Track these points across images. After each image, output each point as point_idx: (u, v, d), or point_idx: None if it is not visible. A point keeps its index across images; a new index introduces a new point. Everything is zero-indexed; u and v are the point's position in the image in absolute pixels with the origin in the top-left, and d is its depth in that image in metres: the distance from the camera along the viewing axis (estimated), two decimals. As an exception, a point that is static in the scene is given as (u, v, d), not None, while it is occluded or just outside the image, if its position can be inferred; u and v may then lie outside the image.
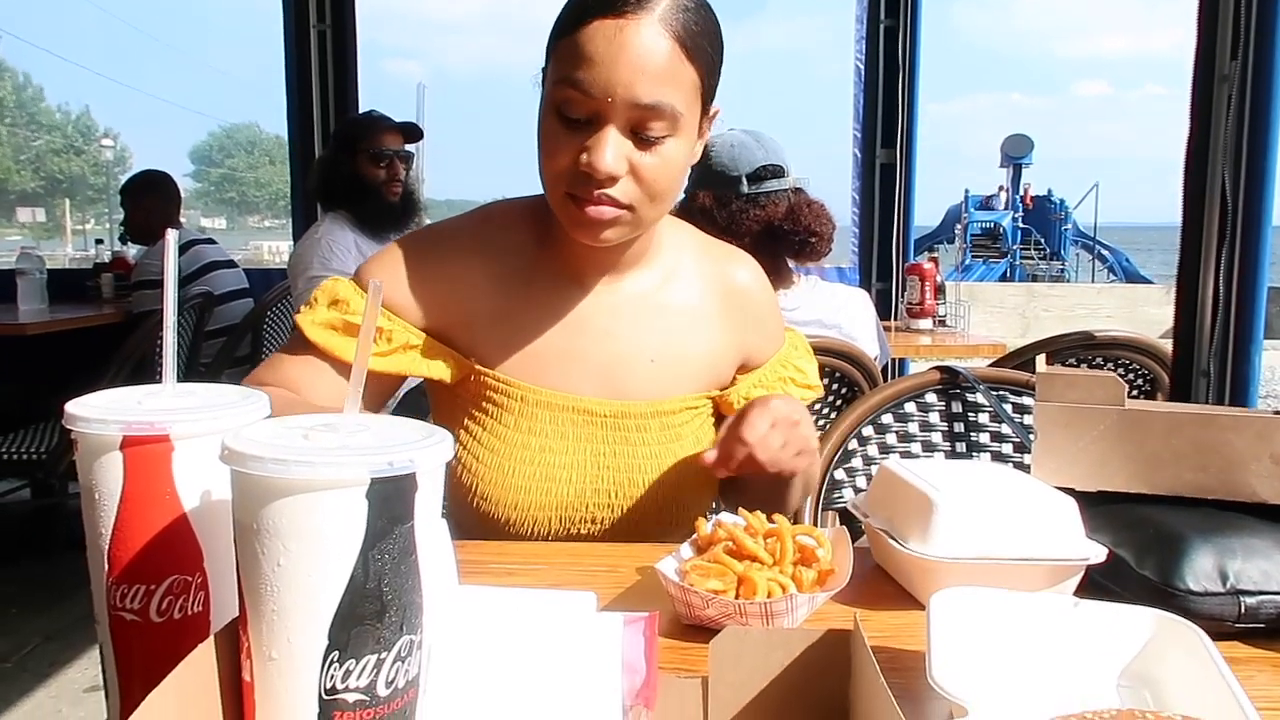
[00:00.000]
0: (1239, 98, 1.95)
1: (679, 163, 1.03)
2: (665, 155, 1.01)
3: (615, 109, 0.97)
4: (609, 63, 0.96)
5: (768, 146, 2.06)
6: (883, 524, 0.94)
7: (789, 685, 0.58)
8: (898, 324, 3.79)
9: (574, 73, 0.97)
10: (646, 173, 1.00)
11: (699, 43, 1.00)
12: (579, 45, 0.97)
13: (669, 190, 1.05)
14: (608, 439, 1.14)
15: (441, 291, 1.13)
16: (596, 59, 0.96)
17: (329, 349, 1.09)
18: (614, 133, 0.98)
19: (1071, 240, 21.89)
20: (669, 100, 0.98)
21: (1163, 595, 0.82)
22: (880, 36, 4.28)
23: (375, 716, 0.49)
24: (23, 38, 74.10)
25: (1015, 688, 0.69)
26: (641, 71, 0.96)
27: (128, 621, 0.58)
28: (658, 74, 0.97)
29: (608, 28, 0.96)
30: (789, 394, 1.20)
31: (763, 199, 2.03)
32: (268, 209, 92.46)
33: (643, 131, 0.99)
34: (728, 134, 2.09)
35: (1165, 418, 0.95)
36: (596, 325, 1.14)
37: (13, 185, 68.87)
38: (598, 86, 0.96)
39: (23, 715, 2.62)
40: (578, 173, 0.99)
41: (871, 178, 4.37)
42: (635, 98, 0.96)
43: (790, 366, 1.26)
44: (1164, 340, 2.31)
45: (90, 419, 0.56)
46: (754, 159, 2.04)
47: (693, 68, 1.00)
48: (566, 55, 0.98)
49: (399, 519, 0.49)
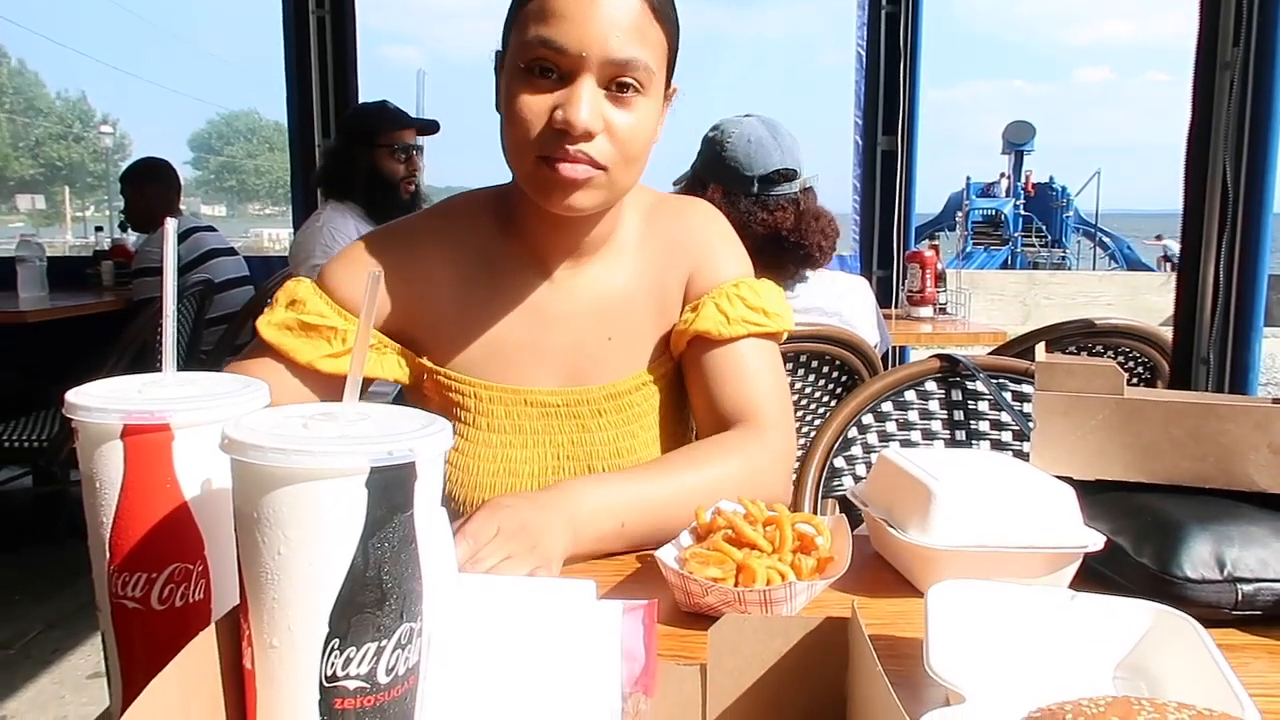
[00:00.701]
0: (1241, 84, 1.94)
1: (650, 125, 1.03)
2: (638, 113, 1.00)
3: (590, 63, 0.96)
4: (582, 18, 0.96)
5: (784, 145, 2.04)
6: (882, 513, 0.94)
7: (787, 672, 0.58)
8: (898, 312, 3.79)
9: (545, 30, 0.96)
10: (621, 131, 0.99)
11: (666, 8, 1.01)
12: (550, 4, 0.97)
13: (641, 154, 1.04)
14: (564, 428, 1.14)
15: (403, 292, 1.11)
16: (568, 14, 0.96)
17: (283, 349, 1.07)
18: (590, 86, 0.97)
19: (1073, 227, 21.85)
20: (642, 58, 0.98)
21: (1160, 583, 0.82)
22: (882, 22, 4.26)
23: (376, 704, 0.50)
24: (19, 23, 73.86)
25: (1012, 678, 0.69)
26: (615, 25, 0.96)
27: (129, 609, 0.58)
28: (630, 29, 0.97)
29: None
30: (736, 310, 1.14)
31: (771, 203, 2.02)
32: (267, 196, 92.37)
33: (616, 88, 0.98)
34: (746, 124, 2.07)
35: (1164, 407, 0.96)
36: (557, 312, 1.13)
37: (11, 172, 68.75)
38: (572, 40, 0.95)
39: (26, 702, 2.64)
40: (552, 132, 0.98)
41: (873, 165, 4.37)
42: (610, 52, 0.96)
43: (745, 288, 1.16)
44: (1164, 328, 2.31)
45: (90, 408, 0.56)
46: (769, 160, 2.02)
47: (660, 30, 1.01)
48: (536, 15, 0.98)
49: (399, 508, 0.49)
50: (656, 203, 1.20)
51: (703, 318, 1.13)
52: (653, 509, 1.00)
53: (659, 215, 1.19)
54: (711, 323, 1.13)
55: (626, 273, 1.16)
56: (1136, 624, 0.72)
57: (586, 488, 0.99)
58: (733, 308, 1.14)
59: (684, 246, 1.17)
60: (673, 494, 1.01)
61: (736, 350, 1.14)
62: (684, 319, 1.15)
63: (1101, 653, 0.71)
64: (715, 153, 2.07)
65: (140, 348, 3.22)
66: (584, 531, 0.94)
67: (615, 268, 1.15)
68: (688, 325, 1.14)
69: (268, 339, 1.09)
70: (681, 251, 1.17)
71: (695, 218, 1.20)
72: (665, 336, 1.17)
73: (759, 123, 2.08)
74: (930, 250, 3.74)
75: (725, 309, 1.13)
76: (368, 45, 3.89)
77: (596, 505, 0.97)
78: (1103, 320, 2.27)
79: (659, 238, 1.17)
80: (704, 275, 1.17)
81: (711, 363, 1.14)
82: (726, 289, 1.15)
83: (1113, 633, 0.72)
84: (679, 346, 1.16)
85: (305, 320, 1.08)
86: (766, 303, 1.16)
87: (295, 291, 1.11)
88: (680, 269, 1.17)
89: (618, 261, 1.15)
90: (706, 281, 1.17)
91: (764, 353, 1.16)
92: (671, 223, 1.18)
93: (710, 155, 2.08)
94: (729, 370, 1.13)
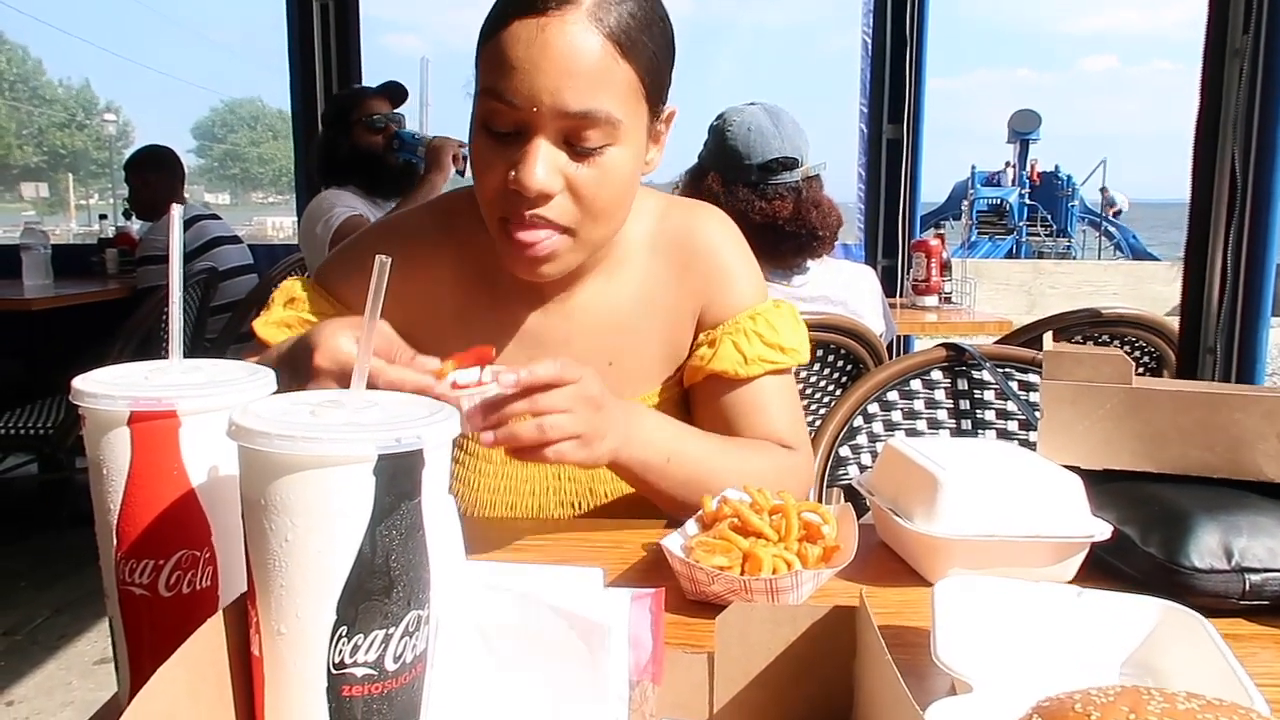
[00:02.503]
0: (1250, 72, 1.93)
1: (623, 174, 0.94)
2: (606, 167, 0.92)
3: (542, 119, 0.88)
4: (531, 67, 0.87)
5: (785, 133, 2.03)
6: (888, 502, 0.94)
7: (795, 661, 0.58)
8: (903, 301, 3.78)
9: (496, 82, 0.89)
10: (585, 188, 0.92)
11: (636, 38, 0.91)
12: (499, 51, 0.89)
13: (614, 207, 0.96)
14: None
15: (404, 290, 1.03)
16: (518, 64, 0.87)
17: None
18: (543, 145, 0.89)
19: (1078, 217, 21.77)
20: (603, 106, 0.89)
21: (1167, 572, 0.82)
22: (888, 10, 4.23)
23: (383, 691, 0.50)
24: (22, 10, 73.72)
25: (1018, 671, 0.69)
26: (568, 75, 0.87)
27: (137, 596, 0.58)
28: (588, 77, 0.88)
29: (528, 28, 0.88)
30: (754, 349, 1.09)
31: (770, 191, 2.01)
32: (271, 185, 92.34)
33: (577, 142, 0.90)
34: (748, 112, 2.06)
35: (1172, 396, 0.95)
36: (554, 338, 1.08)
37: (15, 160, 68.77)
38: (521, 95, 0.88)
39: (33, 687, 2.65)
40: (510, 193, 0.91)
41: (878, 153, 4.34)
42: (563, 105, 0.88)
43: (761, 321, 1.11)
44: (1170, 317, 2.31)
45: (98, 395, 0.56)
46: (769, 148, 2.01)
47: (629, 66, 0.91)
48: (488, 63, 0.90)
49: (406, 495, 0.49)
50: (665, 209, 1.13)
51: (720, 357, 1.09)
52: (698, 463, 1.00)
53: (668, 222, 1.12)
54: (729, 363, 1.09)
55: (631, 289, 1.10)
56: (1143, 620, 0.71)
57: (651, 414, 1.01)
58: (750, 346, 1.09)
59: (697, 264, 1.11)
60: (717, 463, 1.02)
61: (753, 388, 1.11)
62: (700, 355, 1.10)
63: (1108, 648, 0.71)
64: (717, 140, 2.06)
65: (145, 335, 3.22)
66: (634, 445, 0.95)
67: (617, 285, 1.10)
68: (704, 363, 1.10)
69: (267, 339, 1.06)
70: (694, 267, 1.11)
71: (708, 232, 1.12)
72: (672, 355, 1.13)
73: (761, 111, 2.07)
74: (935, 239, 3.72)
75: (743, 347, 1.09)
76: (370, 34, 3.89)
77: (654, 433, 0.98)
78: (1109, 309, 2.26)
79: (668, 247, 1.11)
80: (719, 304, 1.11)
81: (727, 401, 1.11)
82: (743, 323, 1.10)
83: (1119, 629, 0.72)
84: (692, 379, 1.12)
85: (305, 318, 1.06)
86: (784, 338, 1.11)
87: (293, 290, 1.09)
88: (692, 290, 1.11)
89: (620, 277, 1.10)
90: (722, 310, 1.11)
91: (781, 385, 1.13)
92: (684, 230, 1.12)
93: (714, 143, 2.08)
94: (747, 407, 1.11)
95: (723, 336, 1.10)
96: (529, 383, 0.83)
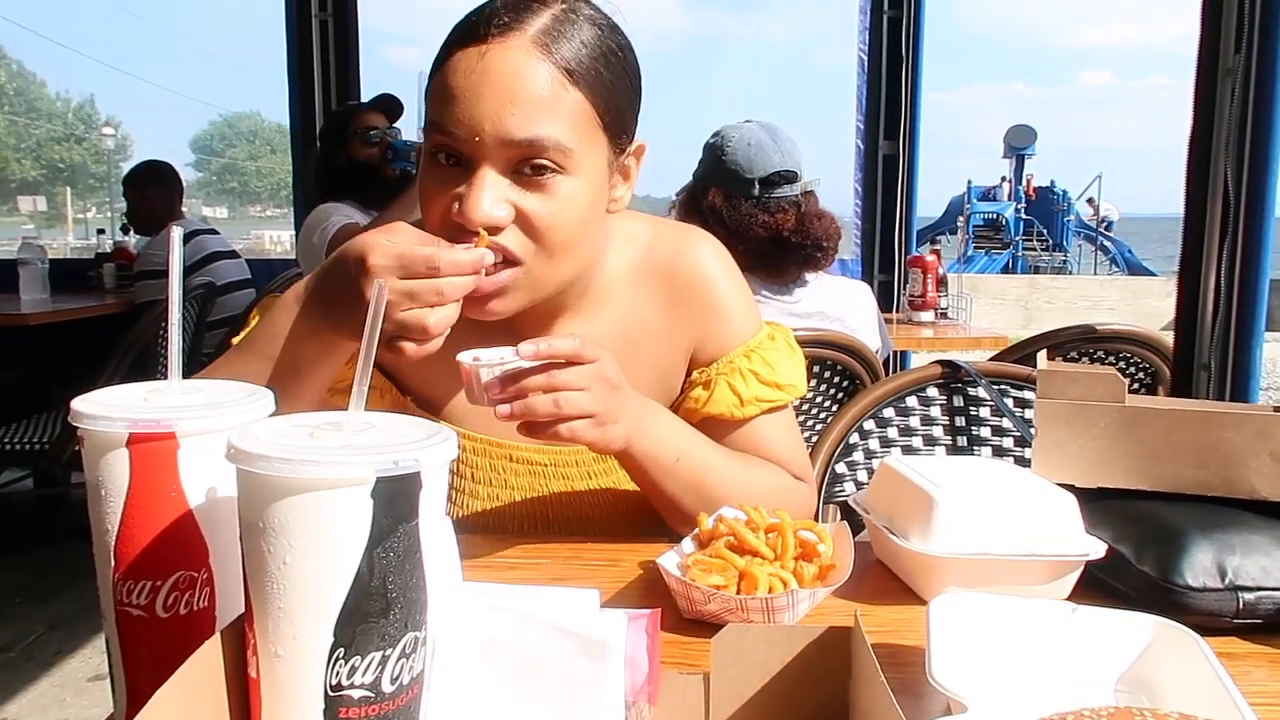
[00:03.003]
0: (1242, 90, 1.95)
1: (578, 207, 0.90)
2: (559, 198, 0.88)
3: (485, 148, 0.86)
4: (472, 95, 0.85)
5: (784, 148, 2.06)
6: (883, 520, 0.94)
7: (790, 681, 0.59)
8: (899, 316, 3.79)
9: (439, 114, 0.87)
10: (538, 219, 0.88)
11: (590, 66, 0.88)
12: (442, 83, 0.87)
13: (569, 242, 0.91)
14: (551, 488, 1.08)
15: None
16: (458, 94, 0.85)
17: None
18: (489, 175, 0.86)
19: (1074, 231, 21.85)
20: (549, 133, 0.86)
21: (1161, 591, 0.82)
22: (884, 27, 4.26)
23: (380, 713, 0.50)
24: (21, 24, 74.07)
25: (1013, 690, 0.69)
26: (510, 101, 0.85)
27: (134, 617, 0.58)
28: (532, 103, 0.85)
29: (470, 56, 0.86)
30: (750, 390, 1.07)
31: (773, 204, 2.04)
32: (269, 199, 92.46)
33: (525, 171, 0.87)
34: (745, 129, 2.09)
35: (1165, 414, 0.96)
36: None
37: (13, 174, 68.82)
38: (463, 125, 0.85)
39: (28, 704, 2.64)
40: (455, 226, 0.87)
41: (874, 169, 4.37)
42: (506, 132, 0.85)
43: (757, 358, 1.08)
44: (1165, 333, 2.32)
45: (96, 416, 0.56)
46: (769, 162, 2.03)
47: (580, 94, 0.88)
48: (433, 97, 0.88)
49: (404, 517, 0.49)
50: (654, 235, 1.09)
51: (715, 400, 1.07)
52: (705, 469, 1.00)
53: (658, 249, 1.08)
54: (724, 405, 1.07)
55: (614, 322, 1.06)
56: (1137, 637, 0.72)
57: (663, 412, 1.00)
58: (746, 386, 1.07)
59: (689, 294, 1.08)
60: (723, 471, 1.02)
61: (751, 428, 1.09)
62: (694, 397, 1.08)
63: (1102, 666, 0.71)
64: (716, 157, 2.08)
65: (142, 350, 3.22)
66: (646, 438, 0.94)
67: (600, 324, 1.05)
68: (699, 405, 1.08)
69: None
70: (686, 301, 1.08)
71: (700, 262, 1.09)
72: (663, 387, 1.10)
73: (758, 127, 2.10)
74: (932, 255, 3.74)
75: (739, 389, 1.07)
76: (368, 46, 3.91)
77: (665, 431, 0.98)
78: (1104, 325, 2.27)
79: (656, 277, 1.08)
80: (714, 339, 1.09)
81: (726, 440, 1.08)
82: (738, 362, 1.08)
83: (1114, 646, 0.72)
84: (687, 420, 1.08)
85: None
86: (780, 375, 1.09)
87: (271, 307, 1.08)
88: (685, 323, 1.08)
89: (602, 317, 1.06)
90: (717, 346, 1.09)
91: (779, 423, 1.11)
92: (673, 259, 1.08)
93: (711, 160, 2.10)
94: (744, 445, 1.09)
95: (717, 378, 1.08)
96: (548, 354, 0.83)
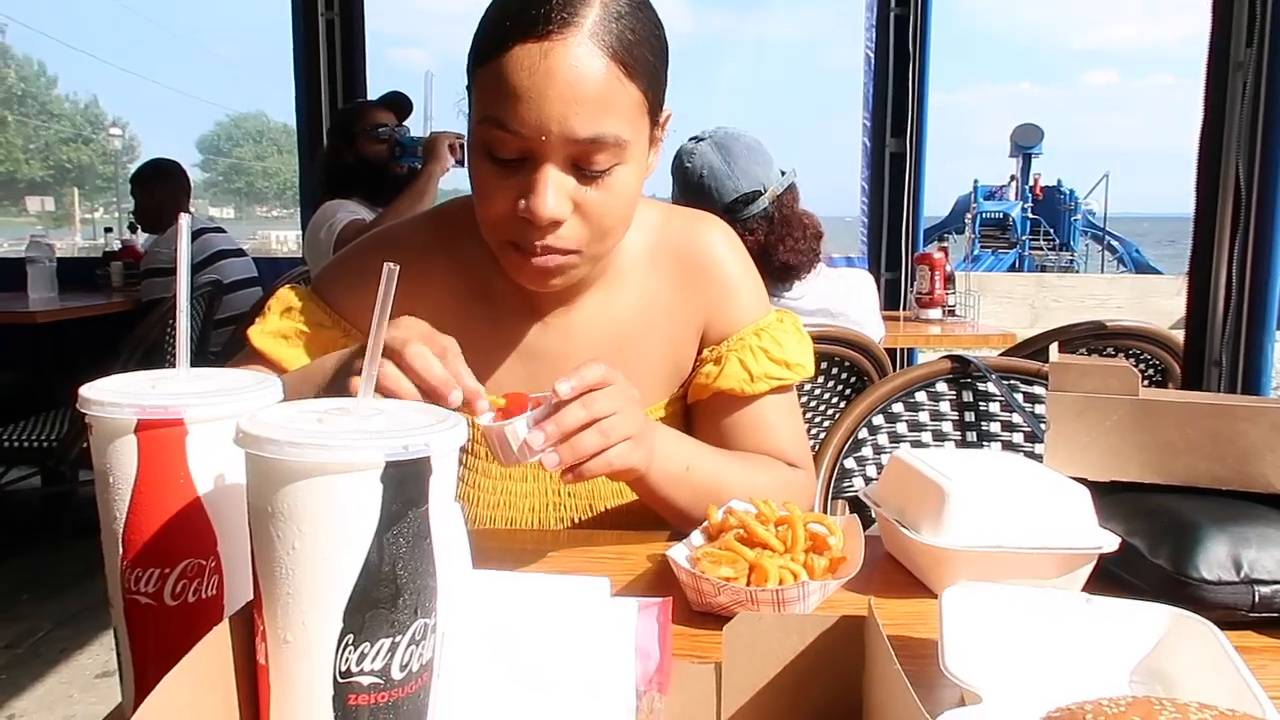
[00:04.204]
0: (1254, 85, 1.93)
1: (630, 190, 0.94)
2: (613, 188, 0.91)
3: (551, 147, 0.87)
4: (537, 96, 0.85)
5: (739, 167, 1.99)
6: (894, 513, 0.94)
7: (803, 671, 0.58)
8: (907, 314, 3.78)
9: (499, 111, 0.86)
10: (594, 210, 0.91)
11: (639, 54, 0.89)
12: (502, 77, 0.86)
13: (620, 223, 0.96)
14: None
15: (401, 306, 0.97)
16: (523, 93, 0.85)
17: (276, 358, 1.04)
18: (553, 173, 0.88)
19: (1081, 231, 21.78)
20: (611, 130, 0.87)
21: (1176, 584, 0.81)
22: (891, 25, 4.25)
23: (390, 700, 0.49)
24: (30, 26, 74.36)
25: (1028, 680, 0.68)
26: (576, 102, 0.85)
27: (142, 605, 0.58)
28: (595, 102, 0.86)
29: (531, 53, 0.85)
30: (760, 366, 1.09)
31: (739, 228, 1.98)
32: (275, 199, 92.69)
33: (585, 166, 0.89)
34: (698, 154, 2.01)
35: (1180, 407, 0.95)
36: (553, 353, 1.07)
37: (22, 174, 69.09)
38: (528, 125, 0.85)
39: (35, 701, 2.64)
40: (518, 221, 0.90)
41: (881, 167, 4.36)
42: (572, 132, 0.86)
43: (767, 337, 1.10)
44: (1175, 330, 2.30)
45: (104, 403, 0.56)
46: (724, 191, 1.97)
47: (635, 86, 0.89)
48: (489, 89, 0.87)
49: (413, 503, 0.48)
50: (664, 220, 1.12)
51: (726, 375, 1.08)
52: (710, 476, 1.01)
53: (669, 231, 1.11)
54: (735, 381, 1.08)
55: (630, 303, 1.09)
56: (1153, 628, 0.71)
57: (663, 426, 1.01)
58: (756, 363, 1.09)
59: (700, 275, 1.10)
60: (725, 476, 1.02)
61: (758, 406, 1.10)
62: (705, 372, 1.10)
63: (1118, 656, 0.71)
64: (679, 185, 2.03)
65: (150, 347, 3.23)
66: (658, 455, 0.94)
67: (616, 299, 1.08)
68: (710, 380, 1.09)
69: (260, 347, 1.05)
70: (697, 281, 1.10)
71: (711, 242, 1.11)
72: (675, 369, 1.12)
73: (711, 148, 2.01)
74: (939, 252, 3.72)
75: (749, 365, 1.08)
76: (374, 48, 3.92)
77: (672, 445, 0.98)
78: (1113, 322, 2.26)
79: (669, 260, 1.10)
80: (724, 318, 1.11)
81: (734, 418, 1.10)
82: (749, 340, 1.09)
83: (1129, 637, 0.71)
84: (697, 396, 1.12)
85: (301, 329, 1.05)
86: (789, 353, 1.11)
87: (289, 299, 1.08)
88: (695, 304, 1.10)
89: (619, 291, 1.09)
90: (726, 325, 1.10)
91: (784, 402, 1.13)
92: (684, 242, 1.10)
93: (676, 189, 2.05)
94: (751, 424, 1.11)
95: (728, 353, 1.09)
96: (583, 387, 0.82)
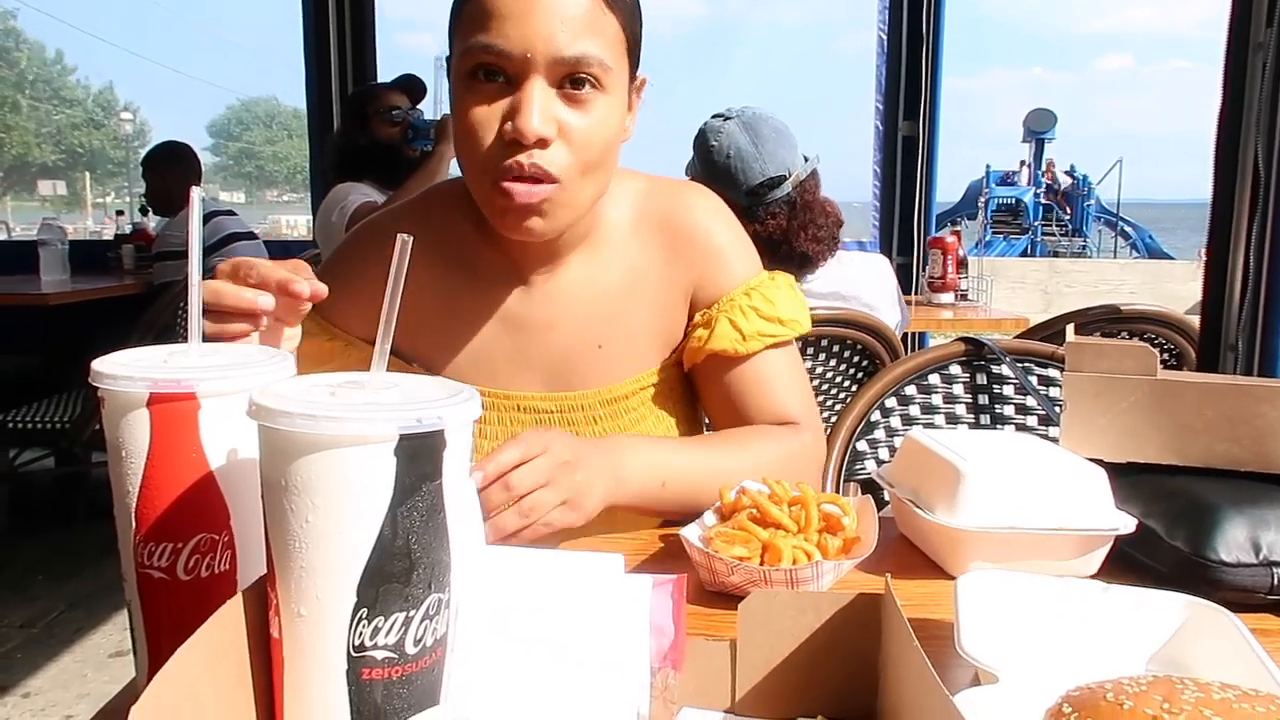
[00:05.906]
0: (1274, 66, 1.90)
1: (611, 126, 0.95)
2: (596, 115, 0.92)
3: (536, 64, 0.89)
4: (523, 14, 0.88)
5: (766, 151, 1.97)
6: (909, 494, 0.93)
7: (818, 648, 0.58)
8: (919, 298, 3.76)
9: (485, 34, 0.89)
10: (578, 135, 0.92)
11: None
12: (485, 5, 0.89)
13: (601, 161, 0.95)
14: None
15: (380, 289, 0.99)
16: (508, 13, 0.88)
17: None
18: (538, 90, 0.90)
19: (1094, 216, 21.65)
20: (594, 50, 0.90)
21: (1194, 566, 0.81)
22: (904, 8, 4.22)
23: (404, 674, 0.49)
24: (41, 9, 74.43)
25: (1043, 664, 0.68)
26: (561, 20, 0.89)
27: (155, 579, 0.58)
28: (579, 22, 0.90)
29: None
30: (751, 324, 1.07)
31: (762, 212, 1.97)
32: (286, 183, 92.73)
33: (571, 87, 0.91)
34: (725, 133, 1.99)
35: (1198, 388, 0.94)
36: (538, 321, 1.07)
37: (34, 159, 69.32)
38: (514, 41, 0.88)
39: (49, 680, 2.67)
40: (504, 146, 0.91)
41: (893, 150, 4.33)
42: (558, 49, 0.89)
43: (757, 295, 1.09)
44: (1190, 315, 2.28)
45: (117, 376, 0.56)
46: (751, 174, 1.96)
47: (615, 18, 0.93)
48: (474, 17, 0.90)
49: (427, 476, 0.48)
50: (649, 188, 1.11)
51: (717, 336, 1.07)
52: (699, 475, 0.99)
53: (653, 201, 1.10)
54: (727, 341, 1.07)
55: (614, 270, 1.08)
56: (1170, 616, 0.70)
57: (634, 443, 0.99)
58: (747, 322, 1.08)
59: (685, 242, 1.09)
60: (719, 465, 1.00)
61: (755, 364, 1.09)
62: (697, 336, 1.09)
63: (1134, 644, 0.70)
64: (702, 161, 2.02)
65: (161, 329, 3.24)
66: (629, 483, 0.94)
67: (601, 267, 1.08)
68: (701, 344, 1.08)
69: None
70: (683, 249, 1.09)
71: (695, 209, 1.11)
72: (665, 336, 1.11)
73: (738, 128, 1.99)
74: (952, 236, 3.70)
75: (740, 324, 1.07)
76: (383, 32, 3.92)
77: (644, 462, 0.97)
78: (1128, 306, 2.24)
79: (654, 225, 1.09)
80: (712, 282, 1.10)
81: (731, 379, 1.09)
82: (738, 299, 1.09)
83: (1146, 625, 0.70)
84: (692, 361, 1.11)
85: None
86: (781, 310, 1.10)
87: None
88: (682, 271, 1.09)
89: (604, 259, 1.08)
90: (716, 289, 1.10)
91: (783, 358, 1.11)
92: (669, 210, 1.10)
93: (700, 163, 2.03)
94: (750, 384, 1.09)
95: (718, 315, 1.08)
96: (497, 472, 0.82)
